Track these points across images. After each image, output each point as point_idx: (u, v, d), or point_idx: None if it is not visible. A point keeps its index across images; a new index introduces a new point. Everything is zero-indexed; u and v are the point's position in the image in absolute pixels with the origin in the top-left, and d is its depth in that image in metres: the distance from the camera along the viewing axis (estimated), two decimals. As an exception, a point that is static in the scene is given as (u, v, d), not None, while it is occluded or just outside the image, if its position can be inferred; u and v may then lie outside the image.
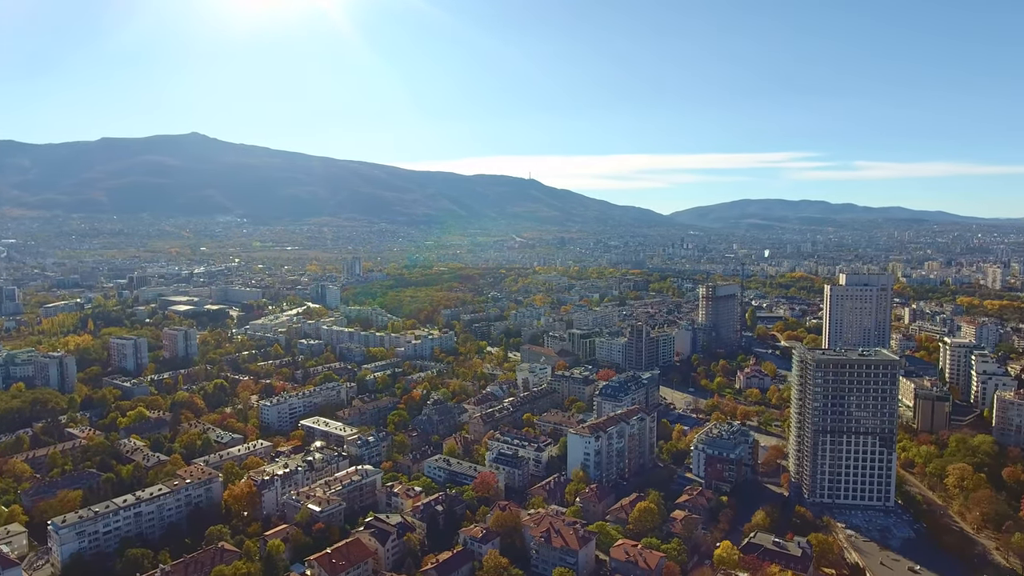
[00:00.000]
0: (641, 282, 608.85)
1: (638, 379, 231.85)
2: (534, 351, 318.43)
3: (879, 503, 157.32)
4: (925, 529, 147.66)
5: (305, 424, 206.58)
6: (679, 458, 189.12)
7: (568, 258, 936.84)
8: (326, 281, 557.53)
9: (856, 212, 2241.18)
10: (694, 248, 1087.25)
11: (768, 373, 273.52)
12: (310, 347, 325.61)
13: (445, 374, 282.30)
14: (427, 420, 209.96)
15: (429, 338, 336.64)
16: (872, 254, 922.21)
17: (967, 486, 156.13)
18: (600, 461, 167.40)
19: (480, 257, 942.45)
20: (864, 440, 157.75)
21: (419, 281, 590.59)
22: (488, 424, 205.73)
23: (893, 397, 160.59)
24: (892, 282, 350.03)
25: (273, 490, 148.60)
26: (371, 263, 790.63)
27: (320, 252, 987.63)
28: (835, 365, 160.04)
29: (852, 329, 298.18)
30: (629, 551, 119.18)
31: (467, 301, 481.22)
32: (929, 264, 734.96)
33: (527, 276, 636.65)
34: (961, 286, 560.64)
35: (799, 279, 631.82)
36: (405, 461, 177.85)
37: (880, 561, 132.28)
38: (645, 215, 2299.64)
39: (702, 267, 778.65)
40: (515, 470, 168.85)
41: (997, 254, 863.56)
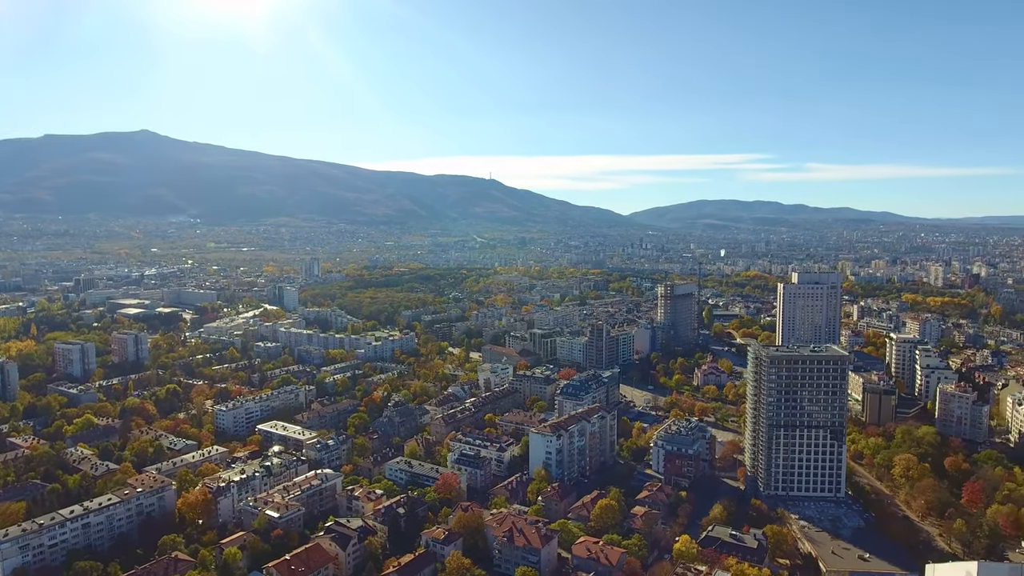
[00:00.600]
0: (601, 282, 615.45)
1: (599, 378, 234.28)
2: (496, 351, 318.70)
3: (830, 494, 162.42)
4: (874, 518, 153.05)
5: (262, 428, 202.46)
6: (639, 455, 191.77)
7: (529, 258, 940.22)
8: (284, 282, 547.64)
9: (807, 213, 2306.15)
10: (653, 248, 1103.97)
11: (725, 370, 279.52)
12: (267, 350, 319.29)
13: (406, 375, 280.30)
14: (388, 422, 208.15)
15: (390, 339, 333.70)
16: (823, 253, 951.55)
17: (912, 476, 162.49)
18: (562, 460, 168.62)
19: (441, 257, 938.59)
20: (816, 433, 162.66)
21: (379, 282, 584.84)
22: (450, 425, 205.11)
23: (843, 391, 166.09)
24: (841, 280, 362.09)
25: (229, 497, 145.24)
26: (330, 264, 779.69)
27: (277, 253, 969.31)
28: (788, 361, 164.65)
29: (804, 326, 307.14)
30: (591, 548, 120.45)
31: (428, 302, 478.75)
32: (876, 263, 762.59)
33: (488, 276, 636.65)
34: (906, 284, 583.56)
35: (754, 278, 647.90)
36: (366, 464, 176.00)
37: (832, 551, 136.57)
38: (605, 215, 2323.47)
39: (661, 267, 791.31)
40: (477, 470, 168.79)
41: (939, 253, 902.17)
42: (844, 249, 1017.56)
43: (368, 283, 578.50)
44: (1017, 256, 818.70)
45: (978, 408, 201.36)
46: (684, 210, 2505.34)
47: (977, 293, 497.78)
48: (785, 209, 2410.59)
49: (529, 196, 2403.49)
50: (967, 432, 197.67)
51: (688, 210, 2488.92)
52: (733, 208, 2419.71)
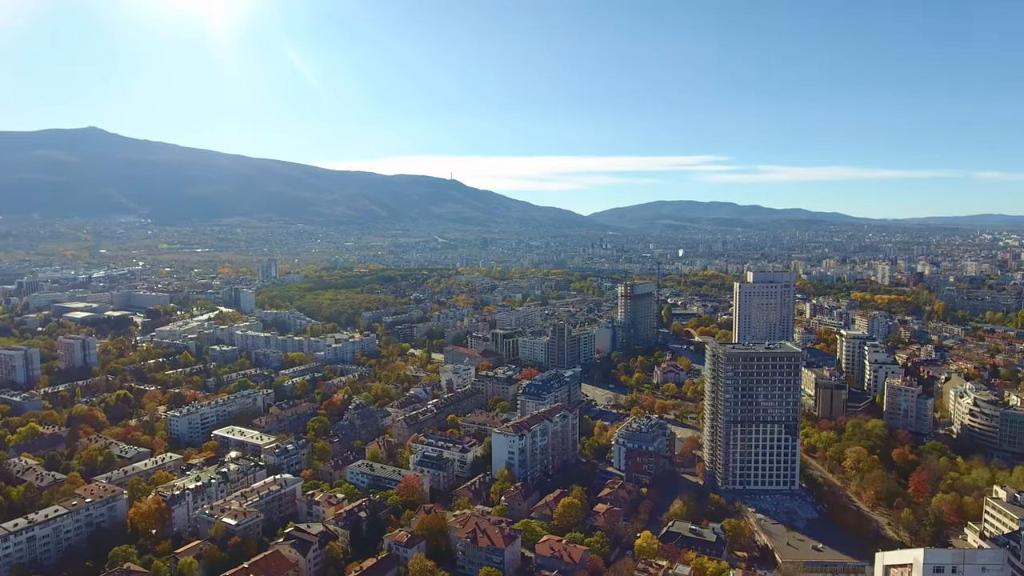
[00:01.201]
0: (562, 282, 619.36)
1: (560, 377, 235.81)
2: (458, 352, 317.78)
3: (785, 487, 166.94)
4: (826, 509, 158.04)
5: (219, 434, 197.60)
6: (601, 453, 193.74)
7: (491, 258, 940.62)
8: (240, 284, 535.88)
9: (762, 213, 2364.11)
10: (613, 248, 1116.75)
11: (683, 368, 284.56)
12: (223, 353, 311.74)
13: (367, 378, 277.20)
14: (349, 425, 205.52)
15: (350, 341, 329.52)
16: (776, 253, 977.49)
17: (862, 468, 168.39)
18: (525, 459, 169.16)
19: (402, 258, 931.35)
20: (771, 428, 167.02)
21: (339, 283, 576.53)
22: (412, 427, 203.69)
23: (797, 387, 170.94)
24: (794, 279, 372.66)
25: (184, 505, 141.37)
26: (288, 265, 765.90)
27: (233, 254, 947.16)
28: (744, 359, 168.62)
29: (759, 324, 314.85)
30: (554, 546, 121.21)
31: (389, 303, 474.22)
32: (827, 262, 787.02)
33: (450, 277, 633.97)
34: (855, 282, 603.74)
35: (711, 277, 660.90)
36: (327, 468, 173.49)
37: (787, 542, 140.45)
38: (565, 216, 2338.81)
39: (621, 266, 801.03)
40: (440, 472, 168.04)
41: (886, 252, 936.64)
42: (797, 249, 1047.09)
43: (328, 284, 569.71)
44: (958, 255, 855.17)
45: (923, 401, 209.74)
46: (643, 211, 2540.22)
47: (921, 291, 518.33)
48: (741, 210, 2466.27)
49: (490, 196, 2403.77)
50: (913, 424, 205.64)
51: (647, 210, 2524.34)
52: (691, 209, 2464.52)
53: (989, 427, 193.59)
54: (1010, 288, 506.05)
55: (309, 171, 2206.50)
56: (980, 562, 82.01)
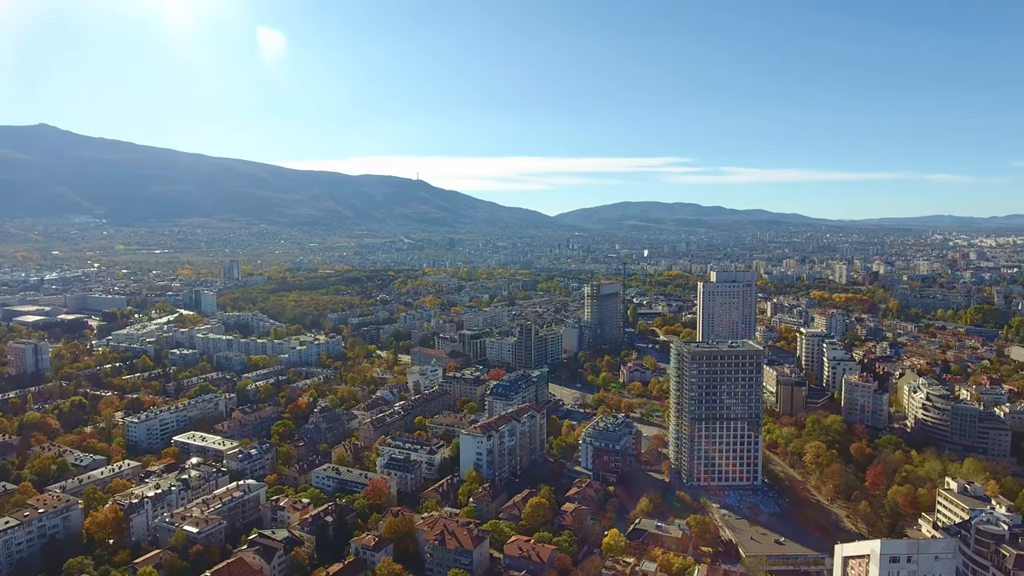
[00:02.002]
0: (529, 282, 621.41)
1: (528, 377, 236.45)
2: (425, 353, 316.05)
3: (748, 483, 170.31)
4: (788, 504, 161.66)
5: (179, 440, 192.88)
6: (568, 452, 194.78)
7: (457, 259, 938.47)
8: (201, 286, 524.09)
9: (724, 214, 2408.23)
10: (579, 249, 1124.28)
11: (649, 367, 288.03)
12: (183, 357, 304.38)
13: (333, 380, 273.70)
14: (314, 428, 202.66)
15: (315, 343, 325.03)
16: (738, 253, 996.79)
17: (822, 462, 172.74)
18: (493, 460, 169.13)
19: (368, 259, 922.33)
20: (735, 425, 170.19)
21: (303, 284, 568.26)
22: (379, 429, 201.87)
23: (759, 385, 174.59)
24: (756, 278, 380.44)
25: (143, 514, 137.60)
26: (251, 266, 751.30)
27: (193, 255, 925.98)
28: (708, 357, 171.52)
29: (722, 322, 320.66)
30: (522, 546, 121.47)
31: (355, 304, 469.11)
32: (787, 262, 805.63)
33: (416, 278, 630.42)
34: (814, 281, 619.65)
35: (675, 277, 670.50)
36: (291, 473, 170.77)
37: (751, 536, 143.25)
38: (532, 216, 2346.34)
39: (587, 267, 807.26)
40: (407, 474, 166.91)
41: (843, 252, 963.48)
42: (758, 249, 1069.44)
43: (292, 286, 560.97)
44: (910, 255, 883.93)
45: (879, 396, 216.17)
46: (609, 211, 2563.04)
47: (877, 289, 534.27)
48: (704, 211, 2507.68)
49: (457, 197, 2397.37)
50: (870, 419, 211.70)
51: (613, 211, 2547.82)
52: (655, 209, 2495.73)
53: (941, 421, 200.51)
54: (959, 287, 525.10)
55: (272, 171, 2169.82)
56: (933, 551, 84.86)
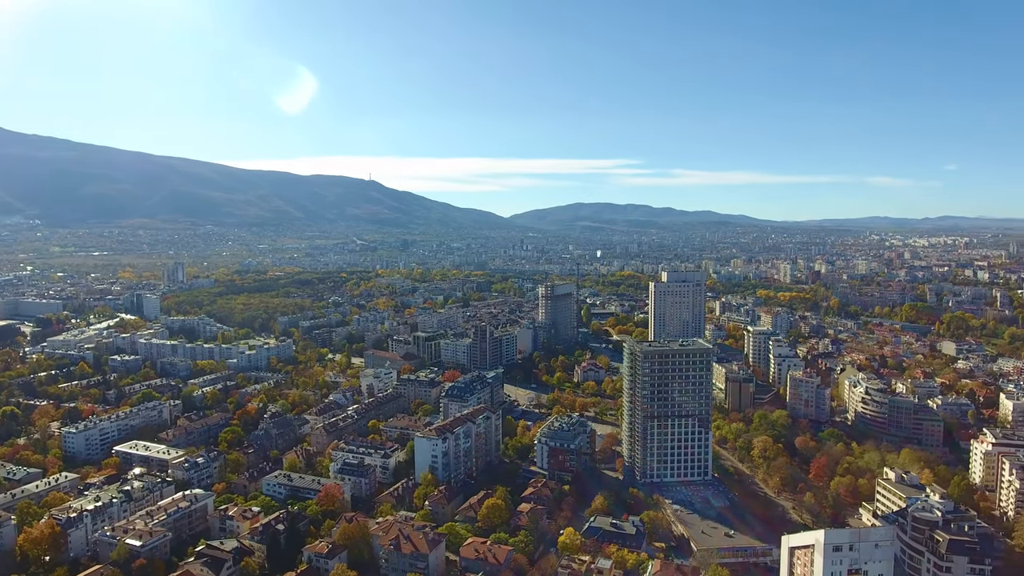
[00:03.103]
0: (484, 283, 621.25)
1: (483, 379, 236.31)
2: (378, 356, 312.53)
3: (699, 478, 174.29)
4: (737, 497, 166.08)
5: (120, 450, 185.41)
6: (524, 452, 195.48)
7: (411, 260, 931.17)
8: (143, 289, 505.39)
9: (674, 216, 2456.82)
10: (533, 249, 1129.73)
11: (603, 366, 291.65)
12: (125, 364, 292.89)
13: (284, 385, 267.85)
14: (265, 435, 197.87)
15: (265, 347, 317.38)
16: (688, 253, 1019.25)
17: (768, 456, 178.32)
18: (448, 462, 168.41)
19: (319, 261, 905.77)
20: (686, 422, 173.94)
21: (252, 287, 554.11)
22: (332, 434, 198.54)
23: (709, 382, 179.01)
24: (705, 278, 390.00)
25: (82, 528, 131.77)
26: (196, 269, 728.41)
27: (135, 257, 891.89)
28: (660, 356, 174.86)
29: (674, 321, 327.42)
30: (479, 548, 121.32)
31: (306, 307, 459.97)
32: (735, 262, 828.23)
33: (369, 279, 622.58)
34: (760, 280, 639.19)
35: (628, 277, 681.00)
36: (241, 481, 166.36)
37: (702, 530, 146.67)
38: (486, 217, 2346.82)
39: (541, 267, 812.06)
40: (362, 479, 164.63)
41: (787, 252, 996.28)
42: (707, 249, 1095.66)
43: (240, 288, 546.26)
44: (850, 255, 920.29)
45: (821, 391, 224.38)
46: (562, 212, 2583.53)
47: (819, 288, 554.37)
48: (655, 212, 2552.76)
49: (410, 198, 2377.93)
50: (813, 413, 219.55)
51: (566, 212, 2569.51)
52: (608, 211, 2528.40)
53: (879, 413, 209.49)
54: (895, 285, 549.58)
55: (219, 170, 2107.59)
56: (873, 539, 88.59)
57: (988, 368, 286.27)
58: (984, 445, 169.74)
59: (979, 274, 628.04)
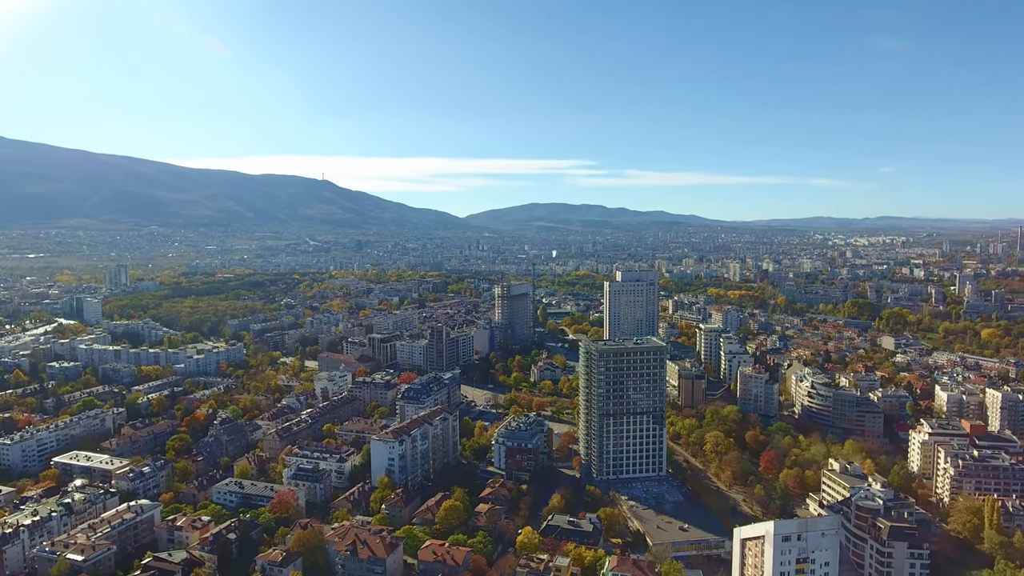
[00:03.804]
0: (440, 284, 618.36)
1: (440, 380, 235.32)
2: (333, 358, 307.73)
3: (654, 474, 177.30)
4: (690, 492, 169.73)
5: (60, 461, 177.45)
6: (482, 453, 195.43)
7: (366, 261, 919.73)
8: (83, 293, 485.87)
9: (628, 216, 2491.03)
10: (489, 250, 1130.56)
11: (559, 365, 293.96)
12: (64, 370, 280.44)
13: (234, 390, 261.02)
14: (214, 442, 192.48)
15: (214, 352, 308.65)
16: (642, 253, 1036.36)
17: (720, 450, 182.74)
18: (405, 465, 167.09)
19: (271, 262, 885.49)
20: (641, 419, 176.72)
21: (200, 290, 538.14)
22: (285, 439, 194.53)
23: (662, 379, 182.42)
24: (658, 278, 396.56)
25: (18, 544, 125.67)
26: (141, 271, 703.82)
27: (75, 260, 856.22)
28: (615, 354, 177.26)
29: (628, 320, 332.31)
30: (437, 551, 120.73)
31: (257, 309, 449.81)
32: (686, 261, 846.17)
33: (323, 281, 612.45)
34: (711, 279, 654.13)
35: (583, 277, 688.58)
36: (190, 490, 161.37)
37: (657, 525, 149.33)
38: (442, 218, 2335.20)
39: (497, 268, 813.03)
40: (316, 484, 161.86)
41: (736, 251, 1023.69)
42: (660, 249, 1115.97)
43: (187, 291, 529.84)
44: (795, 254, 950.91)
45: (770, 386, 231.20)
46: (518, 212, 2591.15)
47: (766, 286, 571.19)
48: (609, 212, 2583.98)
49: (364, 198, 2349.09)
50: (763, 408, 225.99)
51: (521, 212, 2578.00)
52: (563, 211, 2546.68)
53: (824, 407, 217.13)
54: (838, 283, 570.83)
55: (164, 168, 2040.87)
56: (819, 528, 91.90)
57: (924, 361, 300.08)
58: (921, 435, 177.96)
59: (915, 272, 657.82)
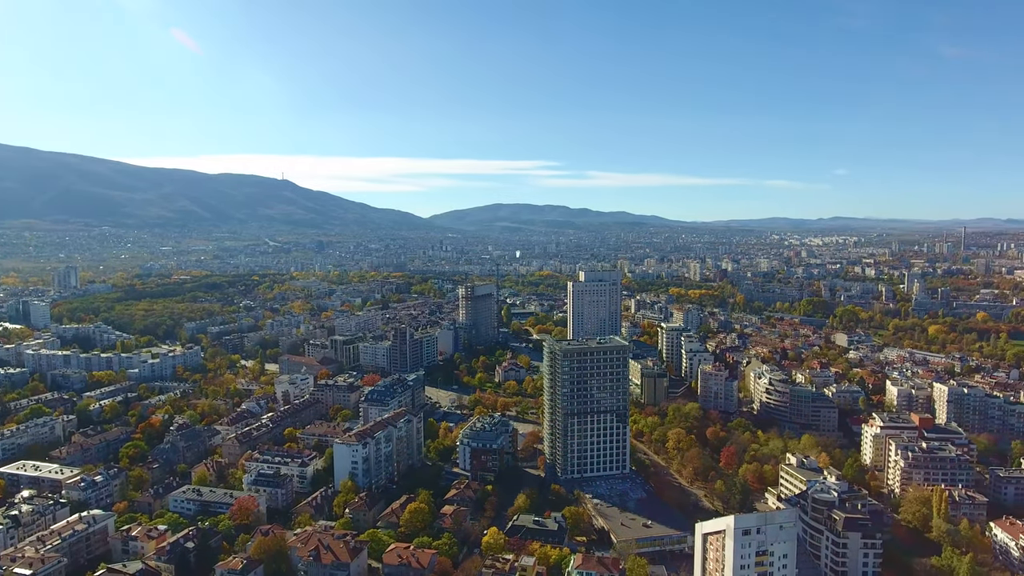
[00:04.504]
0: (403, 284, 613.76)
1: (404, 381, 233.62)
2: (294, 361, 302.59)
3: (618, 471, 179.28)
4: (653, 488, 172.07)
5: (6, 471, 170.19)
6: (446, 454, 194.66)
7: (328, 262, 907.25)
8: (30, 296, 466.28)
9: (590, 216, 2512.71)
10: (453, 250, 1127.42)
11: (523, 365, 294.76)
12: (9, 377, 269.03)
13: (192, 395, 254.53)
14: (171, 448, 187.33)
15: (170, 356, 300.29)
16: (605, 253, 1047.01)
17: (682, 447, 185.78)
18: (369, 468, 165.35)
19: (229, 263, 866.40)
20: (604, 418, 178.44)
21: (155, 292, 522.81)
22: (245, 444, 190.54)
23: (625, 378, 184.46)
24: (621, 278, 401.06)
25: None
26: (92, 273, 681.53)
27: (20, 261, 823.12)
28: (578, 354, 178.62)
29: (591, 320, 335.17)
30: (402, 554, 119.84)
31: (215, 312, 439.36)
32: (648, 261, 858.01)
33: (283, 282, 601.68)
34: (672, 279, 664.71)
35: (547, 277, 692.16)
36: (145, 498, 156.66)
37: (621, 523, 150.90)
38: (405, 218, 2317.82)
39: (461, 268, 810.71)
40: (278, 490, 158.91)
41: (696, 251, 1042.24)
42: (622, 249, 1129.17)
43: (142, 294, 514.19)
44: (753, 254, 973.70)
45: (730, 384, 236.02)
46: (481, 213, 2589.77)
47: (725, 285, 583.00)
48: (572, 213, 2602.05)
49: (326, 197, 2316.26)
50: (723, 405, 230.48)
51: (485, 213, 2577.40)
52: (526, 212, 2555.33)
53: (781, 402, 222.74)
54: (794, 282, 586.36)
55: (118, 167, 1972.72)
56: (778, 522, 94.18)
57: (876, 357, 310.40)
58: (873, 429, 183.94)
59: (867, 271, 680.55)
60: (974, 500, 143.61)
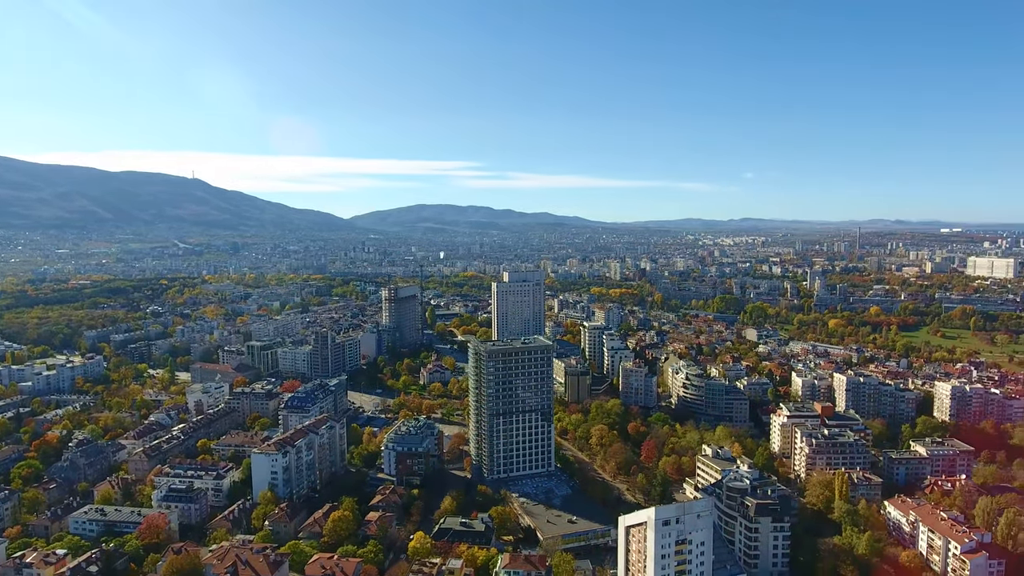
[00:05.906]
0: (324, 287, 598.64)
1: (325, 387, 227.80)
2: (207, 369, 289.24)
3: (543, 469, 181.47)
4: (578, 485, 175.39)
5: None
6: (371, 460, 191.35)
7: (243, 265, 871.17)
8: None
9: (514, 217, 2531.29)
10: (375, 252, 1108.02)
11: (448, 367, 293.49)
12: None
13: (93, 408, 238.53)
14: (70, 466, 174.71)
15: (68, 367, 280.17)
16: (528, 253, 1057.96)
17: (605, 443, 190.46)
18: (289, 478, 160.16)
19: (134, 267, 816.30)
20: (529, 417, 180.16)
21: (50, 298, 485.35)
22: (154, 458, 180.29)
23: (550, 377, 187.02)
24: (544, 278, 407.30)
25: None
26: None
27: None
28: (503, 354, 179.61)
29: (516, 320, 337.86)
30: (325, 564, 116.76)
31: (119, 319, 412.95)
32: (570, 261, 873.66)
33: (195, 287, 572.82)
34: (594, 278, 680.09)
35: (471, 278, 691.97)
36: (41, 521, 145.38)
37: (547, 520, 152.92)
38: (325, 219, 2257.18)
39: (384, 270, 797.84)
40: (191, 505, 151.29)
41: (617, 251, 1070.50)
42: (545, 250, 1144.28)
43: (34, 300, 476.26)
44: (670, 253, 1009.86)
45: (649, 380, 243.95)
46: (404, 214, 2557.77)
47: (644, 284, 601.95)
48: (496, 214, 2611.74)
49: (240, 197, 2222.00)
50: (643, 400, 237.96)
51: (408, 214, 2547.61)
52: (450, 212, 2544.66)
53: (697, 396, 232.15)
54: (708, 280, 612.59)
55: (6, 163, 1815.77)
56: (696, 511, 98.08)
57: (782, 350, 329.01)
58: (780, 418, 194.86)
59: (774, 269, 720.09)
60: (870, 481, 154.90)
